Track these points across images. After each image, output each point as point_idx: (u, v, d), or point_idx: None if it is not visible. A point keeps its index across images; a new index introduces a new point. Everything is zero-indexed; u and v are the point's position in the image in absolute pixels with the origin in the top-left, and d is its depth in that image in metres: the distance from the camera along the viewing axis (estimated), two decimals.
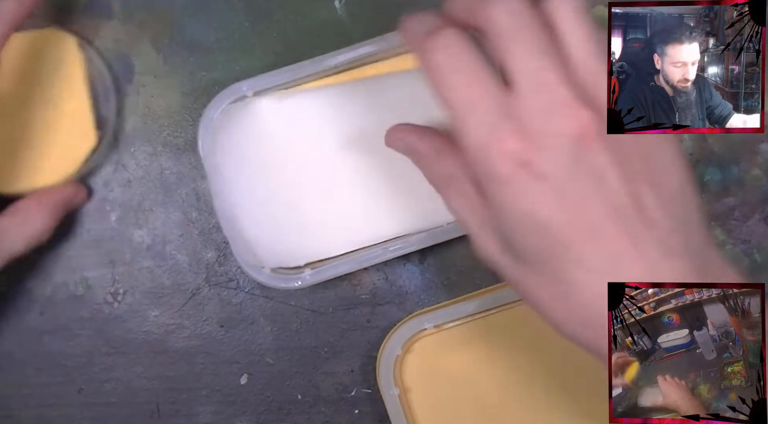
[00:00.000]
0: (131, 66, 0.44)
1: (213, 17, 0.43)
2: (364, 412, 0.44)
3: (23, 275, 0.43)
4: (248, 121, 0.40)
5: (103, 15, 0.43)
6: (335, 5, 0.43)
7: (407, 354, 0.42)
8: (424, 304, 0.44)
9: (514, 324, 0.42)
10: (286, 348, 0.44)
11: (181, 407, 0.44)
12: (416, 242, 0.41)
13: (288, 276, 0.41)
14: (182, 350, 0.44)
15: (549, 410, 0.42)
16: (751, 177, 0.43)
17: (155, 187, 0.44)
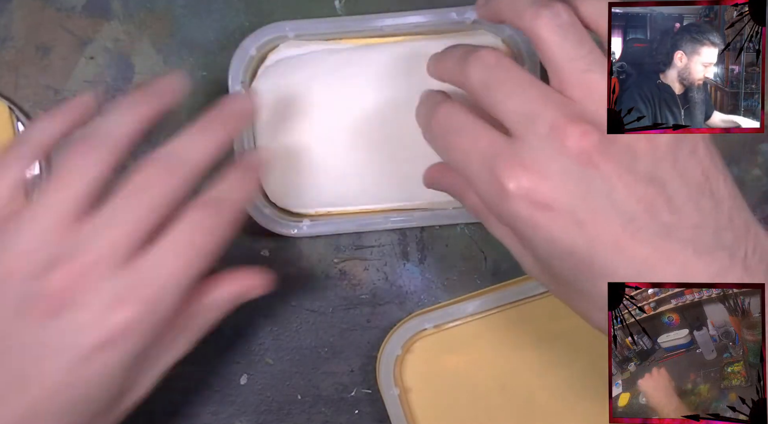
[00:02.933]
0: (131, 66, 0.44)
1: (213, 17, 0.43)
2: (364, 412, 0.44)
3: None
4: (286, 61, 0.41)
5: (103, 15, 0.43)
6: (335, 5, 0.43)
7: (407, 354, 0.42)
8: (424, 304, 0.44)
9: (513, 324, 0.42)
10: (286, 348, 0.44)
11: (181, 407, 0.44)
12: (418, 219, 0.41)
13: (287, 222, 0.41)
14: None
15: (549, 409, 0.42)
16: (751, 177, 0.43)
17: None
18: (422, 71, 0.40)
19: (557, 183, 0.27)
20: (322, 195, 0.42)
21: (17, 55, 0.43)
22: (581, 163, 0.27)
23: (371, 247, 0.44)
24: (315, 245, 0.44)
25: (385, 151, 0.41)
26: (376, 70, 0.41)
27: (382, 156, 0.41)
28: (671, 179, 0.28)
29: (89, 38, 0.43)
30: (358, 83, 0.41)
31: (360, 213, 0.42)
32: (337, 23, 0.41)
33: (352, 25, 0.41)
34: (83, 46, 0.43)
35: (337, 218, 0.42)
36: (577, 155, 0.27)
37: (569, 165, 0.27)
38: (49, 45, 0.43)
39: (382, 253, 0.44)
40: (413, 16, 0.41)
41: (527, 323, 0.42)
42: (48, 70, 0.43)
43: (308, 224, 0.41)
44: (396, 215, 0.41)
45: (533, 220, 0.28)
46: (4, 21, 0.43)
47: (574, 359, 0.42)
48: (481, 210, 0.33)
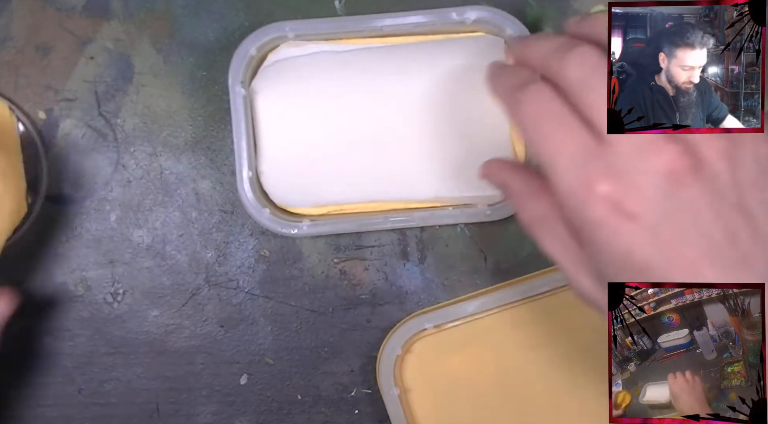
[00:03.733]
0: (131, 66, 0.44)
1: (213, 17, 0.43)
2: (364, 412, 0.44)
3: (23, 275, 0.43)
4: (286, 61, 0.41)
5: (103, 15, 0.43)
6: (335, 5, 0.43)
7: (407, 354, 0.42)
8: (424, 304, 0.44)
9: (513, 324, 0.42)
10: (286, 348, 0.44)
11: (181, 407, 0.44)
12: (418, 219, 0.41)
13: (287, 222, 0.41)
14: (182, 350, 0.44)
15: (549, 409, 0.42)
16: None
17: (155, 187, 0.44)
18: (422, 71, 0.41)
19: (646, 197, 0.27)
20: (322, 195, 0.42)
21: (17, 55, 0.43)
22: (672, 183, 0.27)
23: (371, 247, 0.44)
24: (315, 245, 0.44)
25: (385, 150, 0.41)
26: (376, 71, 0.41)
27: (382, 155, 0.41)
28: (759, 211, 0.27)
29: (89, 38, 0.43)
30: (357, 83, 0.41)
31: (360, 213, 0.42)
32: (337, 23, 0.41)
33: (352, 25, 0.41)
34: (83, 46, 0.43)
35: (337, 218, 0.42)
36: (669, 174, 0.27)
37: (660, 182, 0.27)
38: (49, 45, 0.43)
39: (382, 253, 0.44)
40: (413, 16, 0.41)
41: (527, 323, 0.42)
42: (48, 70, 0.43)
43: (308, 224, 0.41)
44: (396, 215, 0.41)
45: (614, 228, 0.27)
46: (4, 21, 0.43)
47: (574, 359, 0.42)
48: (539, 221, 0.32)
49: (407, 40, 0.42)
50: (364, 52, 0.41)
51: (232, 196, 0.44)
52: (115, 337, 0.44)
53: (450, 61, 0.41)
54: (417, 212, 0.42)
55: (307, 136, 0.41)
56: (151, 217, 0.44)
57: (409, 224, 0.42)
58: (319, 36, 0.41)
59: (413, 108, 0.40)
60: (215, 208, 0.44)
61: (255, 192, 0.40)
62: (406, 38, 0.42)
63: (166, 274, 0.44)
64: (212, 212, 0.44)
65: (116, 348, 0.44)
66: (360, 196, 0.42)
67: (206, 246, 0.44)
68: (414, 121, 0.41)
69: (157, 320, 0.44)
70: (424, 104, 0.40)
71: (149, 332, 0.44)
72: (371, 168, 0.41)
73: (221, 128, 0.43)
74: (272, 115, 0.41)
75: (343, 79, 0.41)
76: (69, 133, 0.43)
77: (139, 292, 0.44)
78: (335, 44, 0.42)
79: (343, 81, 0.41)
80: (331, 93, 0.41)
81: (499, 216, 0.41)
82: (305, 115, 0.41)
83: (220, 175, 0.44)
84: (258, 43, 0.41)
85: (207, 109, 0.43)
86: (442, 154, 0.41)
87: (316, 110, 0.41)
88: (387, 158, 0.41)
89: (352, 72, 0.41)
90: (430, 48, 0.41)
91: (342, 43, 0.42)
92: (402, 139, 0.41)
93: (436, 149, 0.41)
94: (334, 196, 0.42)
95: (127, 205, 0.44)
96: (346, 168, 0.41)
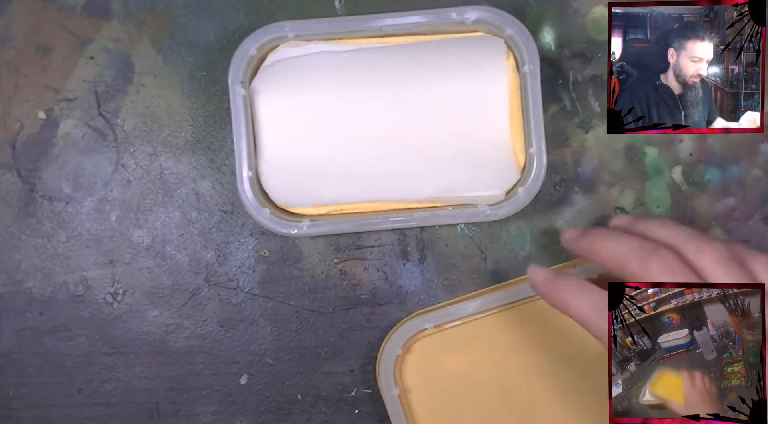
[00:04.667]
0: (131, 66, 0.44)
1: (213, 17, 0.43)
2: (364, 412, 0.44)
3: (23, 275, 0.43)
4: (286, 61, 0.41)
5: (103, 15, 0.43)
6: (335, 5, 0.43)
7: (407, 354, 0.42)
8: (424, 304, 0.44)
9: (513, 324, 0.42)
10: (286, 348, 0.44)
11: (181, 407, 0.44)
12: (418, 219, 0.41)
13: (287, 222, 0.41)
14: (182, 350, 0.44)
15: (549, 409, 0.42)
16: (751, 177, 0.43)
17: (155, 187, 0.44)
18: (422, 71, 0.41)
19: None
20: (322, 195, 0.42)
21: (17, 55, 0.43)
22: None
23: (371, 247, 0.44)
24: (315, 245, 0.44)
25: (385, 150, 0.41)
26: (376, 71, 0.41)
27: (381, 155, 0.41)
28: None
29: (89, 38, 0.43)
30: (357, 83, 0.41)
31: (360, 213, 0.42)
32: (337, 23, 0.41)
33: (352, 25, 0.41)
34: (83, 46, 0.43)
35: (337, 218, 0.42)
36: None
37: None
38: (49, 45, 0.43)
39: (382, 253, 0.44)
40: (413, 16, 0.41)
41: (527, 323, 0.42)
42: (48, 70, 0.43)
43: (308, 224, 0.41)
44: (396, 215, 0.41)
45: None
46: (4, 21, 0.43)
47: (574, 359, 0.42)
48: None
49: (407, 40, 0.42)
50: (364, 52, 0.41)
51: (232, 196, 0.44)
52: (115, 337, 0.44)
53: (450, 61, 0.41)
54: (417, 212, 0.42)
55: (307, 136, 0.41)
56: (151, 217, 0.44)
57: (409, 224, 0.42)
58: (319, 36, 0.41)
59: (413, 108, 0.40)
60: (215, 209, 0.44)
61: (255, 192, 0.40)
62: (406, 38, 0.42)
63: (166, 274, 0.44)
64: (212, 212, 0.44)
65: (116, 348, 0.44)
66: (360, 196, 0.42)
67: (206, 246, 0.44)
68: (414, 121, 0.41)
69: (157, 320, 0.44)
70: (424, 104, 0.40)
71: (149, 332, 0.44)
72: (371, 168, 0.41)
73: (221, 128, 0.43)
74: (272, 115, 0.41)
75: (343, 79, 0.41)
76: (69, 133, 0.43)
77: (139, 292, 0.44)
78: (335, 44, 0.42)
79: (343, 81, 0.41)
80: (331, 93, 0.41)
81: (499, 216, 0.41)
82: (305, 115, 0.41)
83: (220, 175, 0.44)
84: (258, 43, 0.41)
85: (207, 109, 0.43)
86: (442, 154, 0.41)
87: (316, 110, 0.41)
88: (387, 158, 0.41)
89: (352, 72, 0.41)
90: (430, 48, 0.41)
91: (342, 43, 0.42)
92: (402, 139, 0.41)
93: (436, 149, 0.41)
94: (334, 196, 0.42)
95: (127, 205, 0.44)
96: (346, 168, 0.41)
